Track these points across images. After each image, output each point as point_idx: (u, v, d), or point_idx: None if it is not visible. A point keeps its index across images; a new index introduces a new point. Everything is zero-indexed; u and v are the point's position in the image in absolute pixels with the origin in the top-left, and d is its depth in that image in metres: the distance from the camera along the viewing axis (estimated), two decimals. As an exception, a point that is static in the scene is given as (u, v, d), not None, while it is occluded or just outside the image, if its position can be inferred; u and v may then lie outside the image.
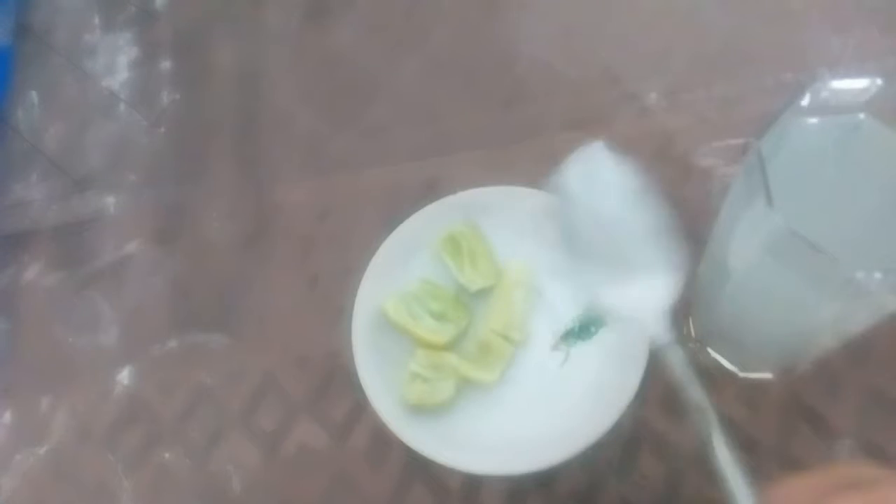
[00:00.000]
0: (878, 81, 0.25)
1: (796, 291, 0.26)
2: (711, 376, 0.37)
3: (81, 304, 0.45)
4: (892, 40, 0.44)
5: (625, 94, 0.46)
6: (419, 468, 0.37)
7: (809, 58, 0.45)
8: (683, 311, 0.38)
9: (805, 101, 0.25)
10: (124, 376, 0.42)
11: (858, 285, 0.23)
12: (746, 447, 0.35)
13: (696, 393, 0.27)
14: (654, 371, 0.36)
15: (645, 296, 0.29)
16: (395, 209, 0.43)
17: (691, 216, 0.42)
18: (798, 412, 0.36)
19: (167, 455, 0.40)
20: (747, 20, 0.47)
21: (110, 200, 0.48)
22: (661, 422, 0.37)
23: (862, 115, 0.25)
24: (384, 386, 0.37)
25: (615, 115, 0.45)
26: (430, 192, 0.44)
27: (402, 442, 0.35)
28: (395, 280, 0.40)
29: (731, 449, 0.26)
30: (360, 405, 0.38)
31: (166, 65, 0.52)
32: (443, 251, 0.41)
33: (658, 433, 0.36)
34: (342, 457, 0.39)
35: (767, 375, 0.36)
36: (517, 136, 0.46)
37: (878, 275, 0.22)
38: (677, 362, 0.28)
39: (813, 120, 0.25)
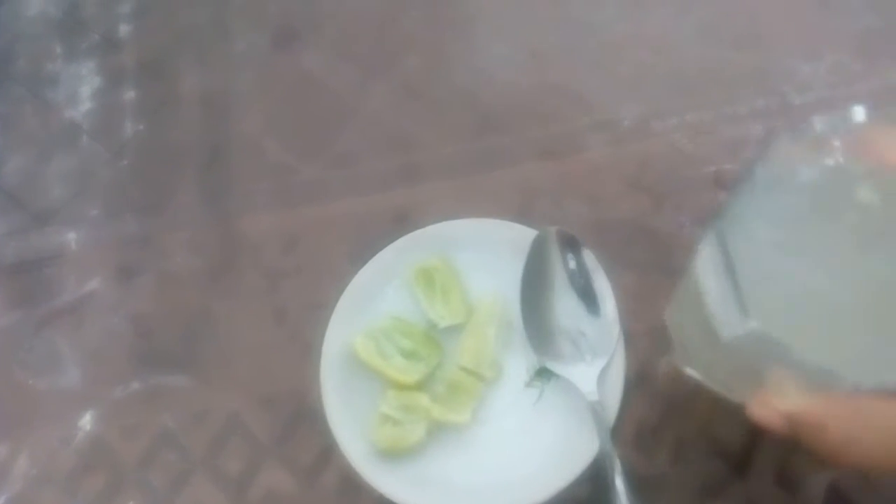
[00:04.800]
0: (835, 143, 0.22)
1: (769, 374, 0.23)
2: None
3: (40, 344, 0.43)
4: (863, 66, 0.44)
5: (597, 121, 0.45)
6: (391, 513, 0.36)
7: (781, 84, 0.44)
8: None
9: (763, 169, 0.22)
10: (86, 421, 0.41)
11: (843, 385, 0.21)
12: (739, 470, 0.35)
13: (605, 444, 0.33)
14: (628, 409, 0.35)
15: (579, 368, 0.36)
16: (364, 240, 0.42)
17: (664, 247, 0.41)
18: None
19: (130, 503, 0.39)
20: (719, 47, 0.46)
21: (71, 236, 0.46)
22: (635, 459, 0.36)
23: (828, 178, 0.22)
24: (354, 429, 0.36)
25: (587, 144, 0.45)
26: (400, 223, 0.43)
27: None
28: (365, 316, 0.39)
29: (630, 494, 0.32)
30: (329, 447, 0.37)
31: (130, 94, 0.51)
32: (415, 285, 0.40)
33: (632, 471, 0.35)
34: (311, 501, 0.38)
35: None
36: (488, 166, 0.45)
37: (867, 385, 0.20)
38: (595, 417, 0.34)
39: (771, 194, 0.22)
